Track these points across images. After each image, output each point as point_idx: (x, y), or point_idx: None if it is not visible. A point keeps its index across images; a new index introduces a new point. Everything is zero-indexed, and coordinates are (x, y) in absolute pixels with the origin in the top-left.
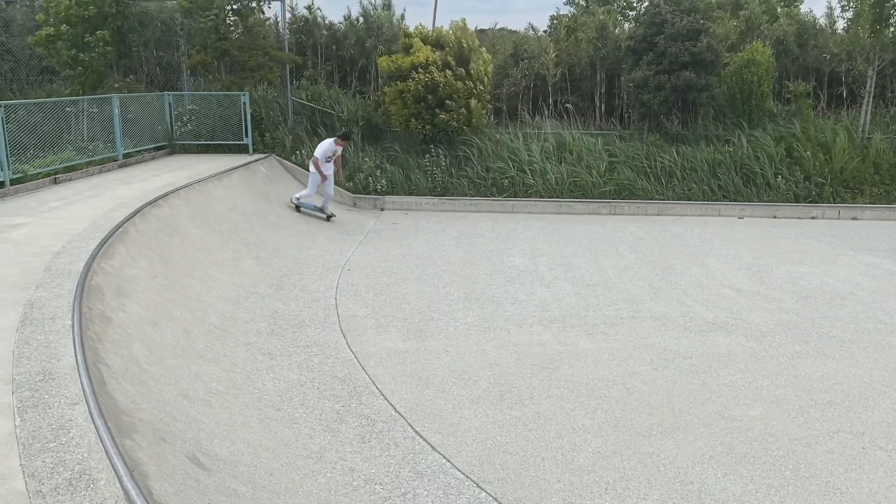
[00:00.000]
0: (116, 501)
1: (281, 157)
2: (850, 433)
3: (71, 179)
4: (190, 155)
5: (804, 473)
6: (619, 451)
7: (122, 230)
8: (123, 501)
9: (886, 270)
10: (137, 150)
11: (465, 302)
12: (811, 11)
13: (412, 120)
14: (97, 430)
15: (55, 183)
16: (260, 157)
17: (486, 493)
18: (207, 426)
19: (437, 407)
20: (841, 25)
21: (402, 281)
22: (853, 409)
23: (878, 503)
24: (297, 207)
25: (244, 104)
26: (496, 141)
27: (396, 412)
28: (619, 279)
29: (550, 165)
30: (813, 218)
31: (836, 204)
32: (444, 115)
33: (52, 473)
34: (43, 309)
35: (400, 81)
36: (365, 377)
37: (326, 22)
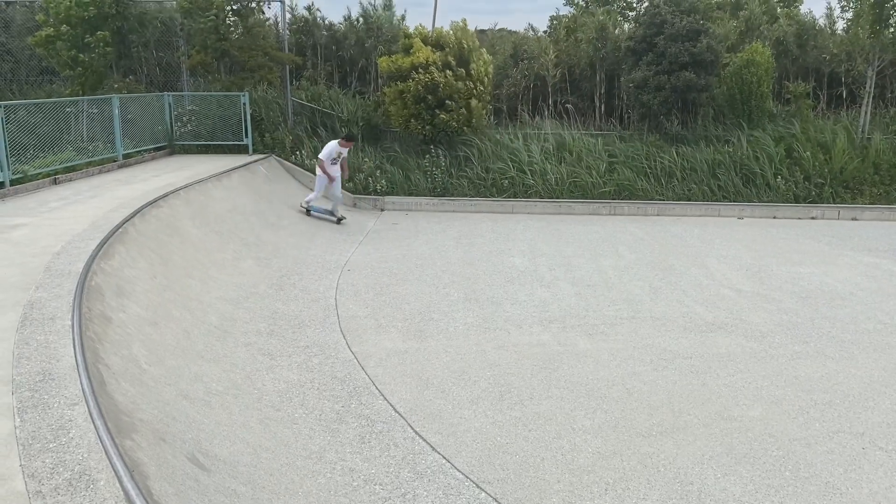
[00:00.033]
0: (116, 502)
1: (281, 157)
2: (849, 433)
3: (71, 180)
4: (190, 155)
5: (804, 474)
6: (618, 451)
7: (121, 231)
8: (123, 502)
9: (886, 271)
10: (137, 150)
11: (464, 302)
12: (811, 12)
13: (412, 120)
14: (97, 430)
15: (55, 183)
16: (260, 157)
17: (485, 493)
18: (207, 426)
19: (436, 407)
20: (840, 26)
21: (401, 281)
22: (853, 409)
23: (877, 503)
24: (307, 212)
25: (244, 105)
26: (496, 141)
27: (396, 412)
28: (618, 279)
29: (550, 166)
30: (813, 218)
31: (835, 204)
32: (444, 115)
33: (51, 474)
34: (43, 309)
35: (400, 82)
36: (365, 377)
37: (326, 22)
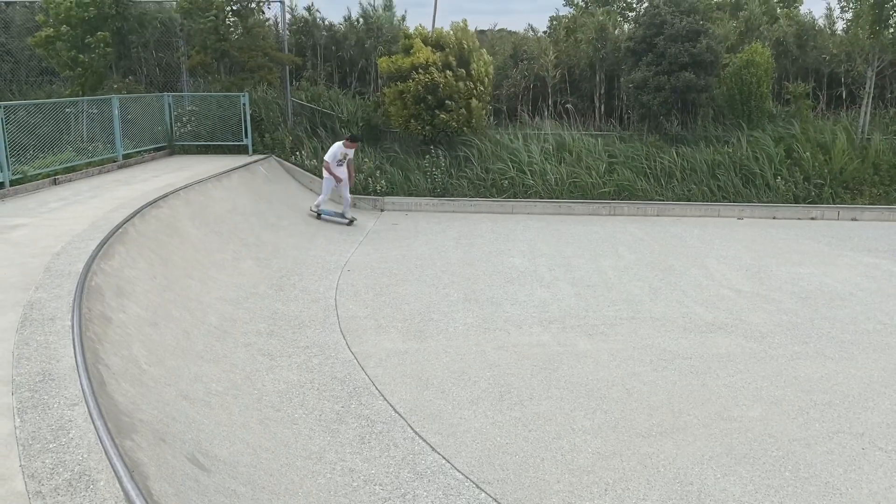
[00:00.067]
0: (116, 502)
1: (281, 157)
2: (849, 434)
3: (70, 180)
4: (190, 156)
5: (804, 474)
6: (618, 451)
7: (121, 231)
8: (123, 502)
9: (886, 271)
10: (137, 150)
11: (464, 303)
12: (810, 12)
13: (412, 121)
14: (97, 430)
15: (55, 184)
16: (260, 157)
17: (485, 493)
18: (207, 427)
19: (436, 408)
20: (840, 26)
21: (401, 282)
22: (853, 409)
23: (877, 503)
24: (318, 215)
25: (244, 105)
26: (496, 142)
27: (396, 413)
28: (618, 280)
29: (550, 166)
30: (812, 219)
31: (835, 205)
32: (443, 115)
33: (51, 474)
34: (43, 310)
35: (400, 82)
36: (364, 378)
37: (326, 23)
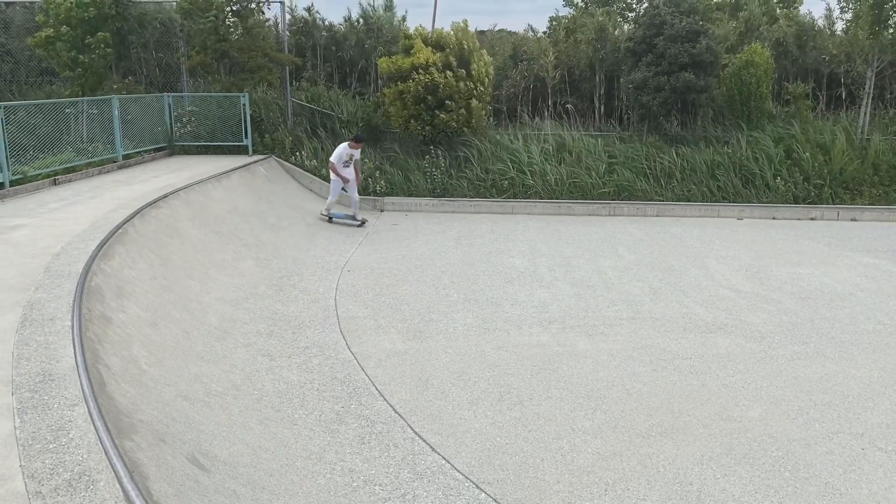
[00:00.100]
0: (116, 502)
1: (281, 158)
2: (849, 434)
3: (70, 181)
4: (190, 156)
5: (803, 474)
6: (618, 452)
7: (121, 231)
8: (123, 502)
9: (885, 271)
10: (137, 151)
11: (464, 303)
12: (810, 13)
13: (412, 121)
14: (97, 431)
15: (55, 184)
16: (259, 158)
17: (485, 493)
18: (207, 427)
19: (436, 408)
20: (840, 27)
21: (401, 282)
22: (852, 410)
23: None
24: (329, 219)
25: (244, 105)
26: (496, 142)
27: (396, 413)
28: (618, 280)
29: (550, 167)
30: (812, 219)
31: (835, 205)
32: (443, 115)
33: (51, 474)
34: (42, 310)
35: (400, 82)
36: (364, 378)
37: (326, 23)
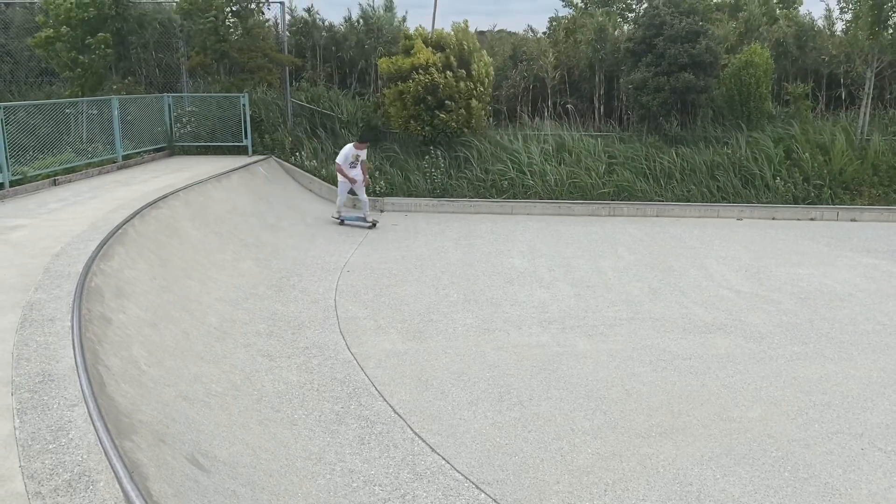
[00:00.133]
0: (116, 503)
1: (280, 158)
2: (848, 434)
3: (70, 181)
4: (189, 156)
5: (803, 475)
6: (618, 452)
7: (121, 232)
8: (123, 503)
9: (885, 272)
10: (137, 151)
11: (464, 303)
12: (810, 13)
13: (411, 121)
14: (97, 431)
15: (54, 184)
16: (259, 158)
17: (485, 494)
18: (207, 428)
19: (436, 408)
20: (839, 27)
21: (401, 282)
22: (852, 410)
23: None
24: (341, 222)
25: (244, 106)
26: (495, 142)
27: (396, 413)
28: (618, 280)
29: (550, 167)
30: (812, 219)
31: (834, 205)
32: (443, 115)
33: (51, 475)
34: (42, 310)
35: (400, 83)
36: (364, 378)
37: (326, 24)
